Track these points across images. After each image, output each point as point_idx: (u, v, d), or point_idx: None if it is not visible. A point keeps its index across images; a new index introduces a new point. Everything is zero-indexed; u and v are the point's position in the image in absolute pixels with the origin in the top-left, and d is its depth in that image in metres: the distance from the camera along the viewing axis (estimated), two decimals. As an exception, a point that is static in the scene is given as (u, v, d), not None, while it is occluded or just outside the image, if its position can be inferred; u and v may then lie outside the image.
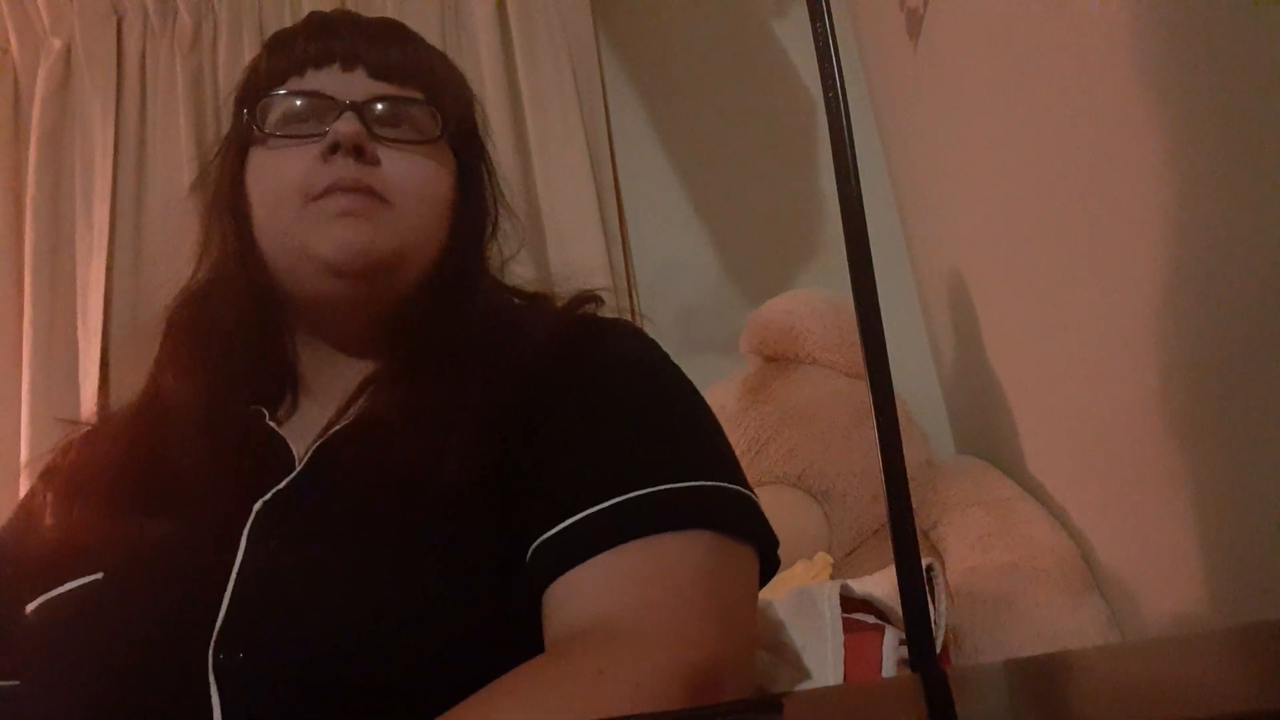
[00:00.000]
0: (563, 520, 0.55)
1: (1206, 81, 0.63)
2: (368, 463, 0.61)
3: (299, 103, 0.69)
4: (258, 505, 0.61)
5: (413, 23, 0.78)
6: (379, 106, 0.68)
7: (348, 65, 0.70)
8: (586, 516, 0.55)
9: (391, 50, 0.71)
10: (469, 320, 0.70)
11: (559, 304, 0.75)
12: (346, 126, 0.66)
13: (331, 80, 0.69)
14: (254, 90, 0.71)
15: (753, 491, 0.60)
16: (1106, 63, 0.75)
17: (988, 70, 1.04)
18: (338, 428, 0.66)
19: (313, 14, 0.75)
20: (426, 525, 0.57)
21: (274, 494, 0.62)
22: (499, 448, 0.60)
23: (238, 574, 0.56)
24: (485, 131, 0.80)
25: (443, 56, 0.78)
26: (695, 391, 0.66)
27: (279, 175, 0.68)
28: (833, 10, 0.45)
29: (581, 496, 0.55)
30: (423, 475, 0.58)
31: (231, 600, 0.55)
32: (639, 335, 0.70)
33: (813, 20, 0.44)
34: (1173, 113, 0.68)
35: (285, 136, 0.68)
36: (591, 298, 0.75)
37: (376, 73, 0.70)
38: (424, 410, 0.62)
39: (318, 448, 0.65)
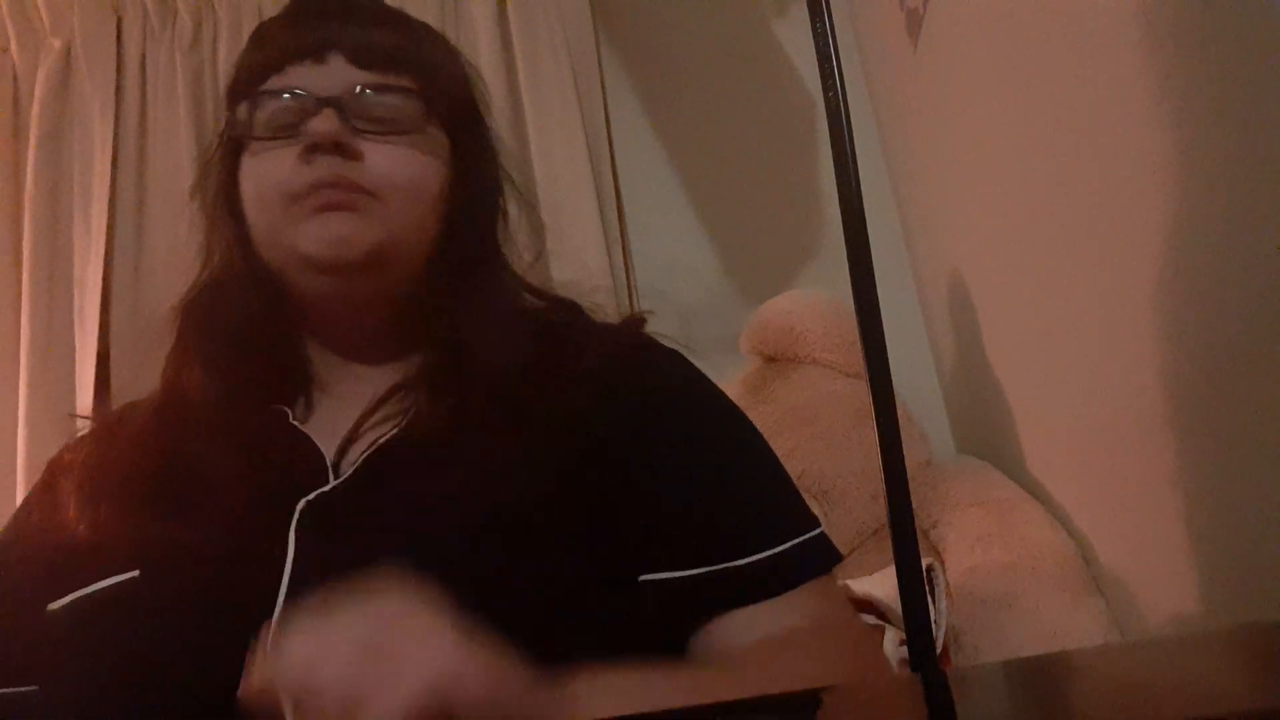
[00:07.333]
0: (710, 565, 0.61)
1: (1206, 81, 0.63)
2: (427, 474, 0.61)
3: (279, 102, 0.67)
4: (301, 504, 0.60)
5: (413, 23, 0.77)
6: (359, 99, 0.66)
7: (326, 55, 0.68)
8: (755, 562, 0.61)
9: (373, 34, 0.69)
10: (500, 321, 0.70)
11: (594, 316, 0.75)
12: (324, 125, 0.64)
13: (310, 74, 0.67)
14: (239, 87, 0.70)
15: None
16: (1106, 62, 0.75)
17: (988, 70, 1.04)
18: (386, 436, 0.65)
19: (293, 1, 0.73)
20: (486, 533, 0.58)
21: (318, 495, 0.61)
22: (569, 467, 0.61)
23: (292, 570, 0.56)
24: (486, 107, 0.77)
25: (431, 33, 0.75)
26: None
27: (265, 177, 0.67)
28: (833, 10, 0.45)
29: (732, 546, 0.62)
30: (487, 491, 0.59)
31: (288, 595, 0.55)
32: (687, 361, 0.72)
33: (813, 20, 0.44)
34: (1172, 112, 0.68)
35: (267, 139, 0.67)
36: (640, 319, 0.75)
37: (357, 60, 0.68)
38: (487, 424, 0.63)
39: (368, 456, 0.64)
